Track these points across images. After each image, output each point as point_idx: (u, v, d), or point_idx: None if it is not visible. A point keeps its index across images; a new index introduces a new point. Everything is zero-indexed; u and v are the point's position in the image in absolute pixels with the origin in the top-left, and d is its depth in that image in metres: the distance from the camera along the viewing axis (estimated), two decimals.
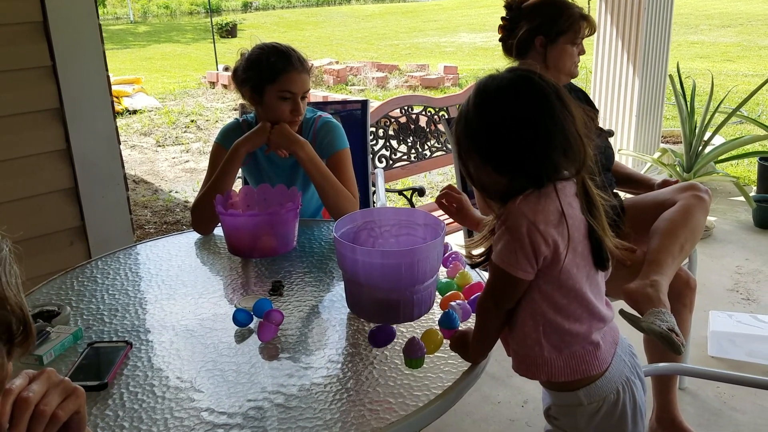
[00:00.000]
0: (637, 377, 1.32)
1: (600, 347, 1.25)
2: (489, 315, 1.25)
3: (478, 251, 1.30)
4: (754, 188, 4.44)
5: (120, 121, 7.82)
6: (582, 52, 2.22)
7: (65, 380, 0.82)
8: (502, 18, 2.25)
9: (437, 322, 1.39)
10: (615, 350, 1.29)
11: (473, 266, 1.34)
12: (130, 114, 8.63)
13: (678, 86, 4.04)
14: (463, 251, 1.50)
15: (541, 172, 1.17)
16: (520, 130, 1.16)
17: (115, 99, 6.97)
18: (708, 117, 3.98)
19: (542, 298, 1.21)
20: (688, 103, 4.05)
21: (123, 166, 2.65)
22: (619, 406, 1.27)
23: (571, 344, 1.23)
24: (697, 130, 4.02)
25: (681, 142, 4.21)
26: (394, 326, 1.40)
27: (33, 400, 0.77)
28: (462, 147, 1.23)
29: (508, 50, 2.26)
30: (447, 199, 1.62)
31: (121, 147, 2.66)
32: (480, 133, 1.20)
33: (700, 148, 4.03)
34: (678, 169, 4.08)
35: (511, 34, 2.23)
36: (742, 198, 3.96)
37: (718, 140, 4.41)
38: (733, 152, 4.28)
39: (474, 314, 1.44)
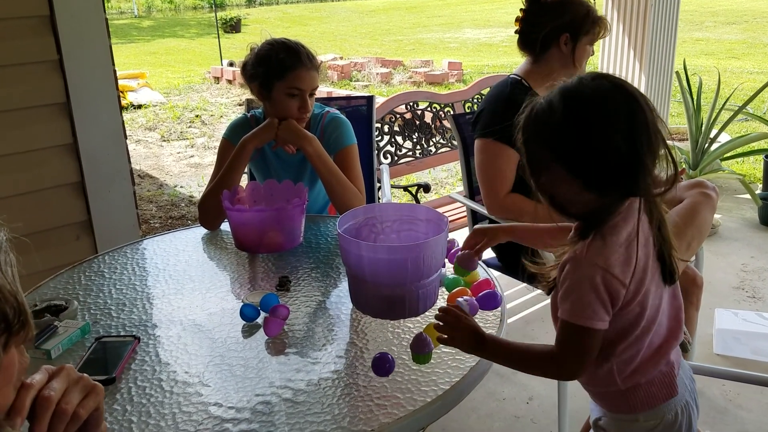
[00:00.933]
0: (695, 402, 1.30)
1: (674, 366, 1.24)
2: (544, 372, 1.22)
3: (549, 278, 1.23)
4: (760, 186, 4.43)
5: (125, 116, 7.78)
6: (593, 52, 2.23)
7: (84, 377, 0.82)
8: (522, 10, 2.24)
9: None
10: (679, 373, 1.27)
11: (548, 292, 1.25)
12: (134, 109, 8.64)
13: (684, 83, 4.03)
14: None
15: (635, 188, 1.10)
16: (620, 143, 1.06)
17: (120, 94, 6.92)
18: (714, 114, 3.97)
19: (615, 334, 1.17)
20: (695, 101, 4.04)
21: (129, 161, 2.65)
22: (675, 428, 1.25)
23: (647, 372, 1.22)
24: (703, 128, 4.01)
25: (687, 140, 4.20)
26: (401, 320, 1.40)
27: (55, 398, 0.77)
28: (538, 155, 1.13)
29: (527, 44, 2.25)
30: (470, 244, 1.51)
31: (127, 142, 2.66)
32: (569, 144, 1.09)
33: (707, 145, 4.02)
34: (684, 166, 4.07)
35: (534, 29, 2.21)
36: (748, 195, 3.95)
37: (724, 137, 4.40)
38: (739, 149, 4.26)
39: (481, 311, 1.44)
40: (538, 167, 1.14)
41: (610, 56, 4.38)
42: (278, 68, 1.95)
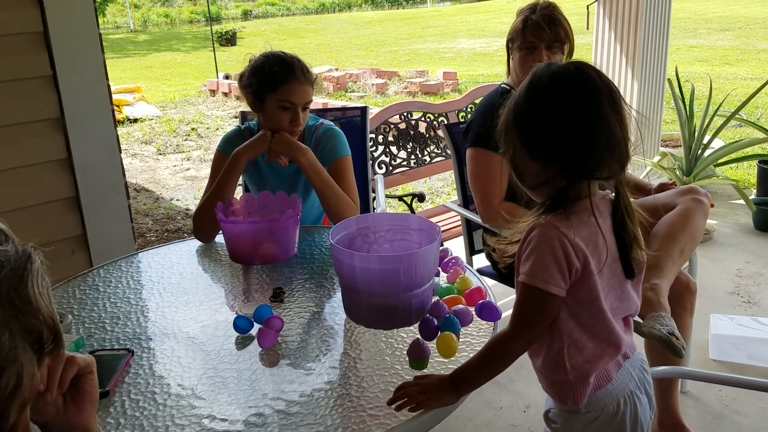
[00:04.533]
0: (644, 393, 1.31)
1: (607, 368, 1.26)
2: (509, 348, 1.22)
3: (508, 254, 1.27)
4: (754, 191, 4.44)
5: (120, 130, 7.83)
6: (546, 58, 2.20)
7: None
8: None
9: (440, 327, 1.39)
10: (622, 363, 1.28)
11: (504, 268, 1.31)
12: (130, 122, 8.65)
13: (677, 90, 4.05)
14: (463, 257, 1.49)
15: (575, 167, 1.16)
16: (562, 119, 1.15)
17: (115, 108, 6.95)
18: (707, 120, 3.99)
19: (569, 315, 1.21)
20: (687, 107, 4.06)
21: (124, 175, 2.66)
22: (617, 419, 1.26)
23: (597, 364, 1.23)
24: (696, 134, 4.03)
25: (680, 146, 4.21)
26: (394, 330, 1.40)
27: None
28: (507, 128, 1.22)
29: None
30: None
31: (122, 155, 2.67)
32: (523, 116, 1.19)
33: (700, 151, 4.04)
34: (678, 172, 4.09)
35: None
36: (742, 201, 3.97)
37: (717, 143, 4.41)
38: (733, 155, 4.28)
39: (478, 318, 1.45)
40: (507, 139, 1.22)
41: (602, 64, 4.41)
42: (271, 80, 1.97)
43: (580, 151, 1.15)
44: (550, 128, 1.16)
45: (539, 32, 2.14)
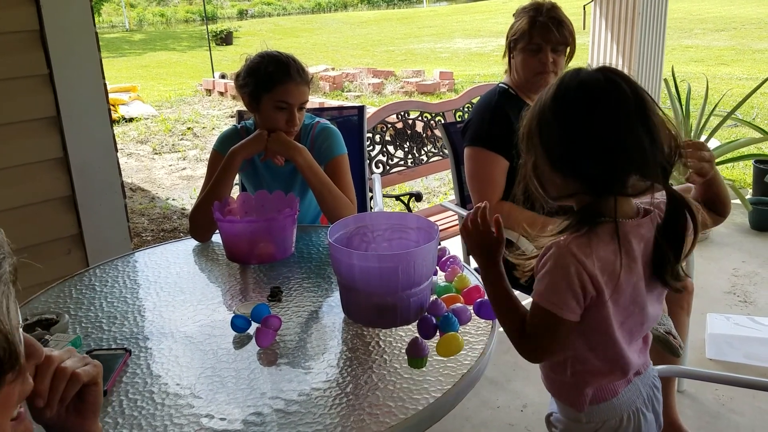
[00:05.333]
0: (651, 411, 1.30)
1: (614, 383, 1.26)
2: (516, 344, 1.23)
3: (527, 269, 1.25)
4: (750, 191, 4.46)
5: (116, 129, 7.81)
6: (550, 60, 2.19)
7: (85, 356, 0.90)
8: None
9: (438, 326, 1.39)
10: (632, 379, 1.27)
11: (527, 283, 1.27)
12: (126, 122, 8.63)
13: (673, 90, 4.06)
14: (460, 257, 1.48)
15: (598, 182, 1.12)
16: (586, 133, 1.11)
17: (111, 107, 6.91)
18: (703, 120, 4.00)
19: (577, 335, 1.20)
20: (683, 107, 4.07)
21: (120, 174, 2.65)
22: None
23: (592, 382, 1.24)
24: (692, 134, 4.03)
25: (676, 152, 4.21)
26: (393, 329, 1.40)
27: (56, 360, 0.85)
28: (530, 134, 1.19)
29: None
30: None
31: (118, 155, 2.66)
32: (546, 124, 1.15)
33: None
34: (675, 173, 4.09)
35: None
36: (738, 201, 3.97)
37: (713, 143, 4.42)
38: (729, 155, 4.28)
39: (476, 317, 1.45)
40: (530, 144, 1.19)
41: (598, 64, 4.40)
42: (266, 81, 1.96)
43: (603, 166, 1.11)
44: (573, 141, 1.12)
45: (547, 34, 2.13)
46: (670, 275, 1.19)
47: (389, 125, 3.41)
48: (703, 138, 4.04)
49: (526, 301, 1.28)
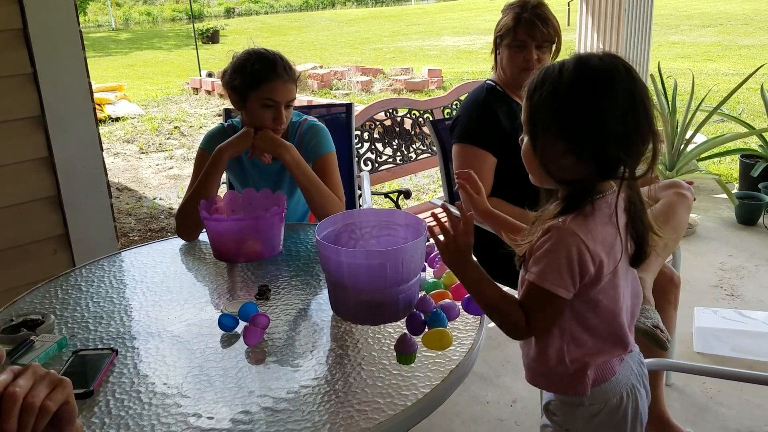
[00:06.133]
0: (643, 386, 1.32)
1: (611, 362, 1.27)
2: (510, 325, 1.22)
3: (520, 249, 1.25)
4: (737, 185, 4.49)
5: (102, 129, 7.76)
6: (535, 57, 2.19)
7: (51, 372, 0.82)
8: None
9: (427, 322, 1.39)
10: (624, 357, 1.29)
11: (520, 265, 1.28)
12: (112, 121, 8.57)
13: (659, 86, 4.08)
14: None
15: (613, 163, 1.14)
16: (615, 111, 1.11)
17: (97, 106, 6.87)
18: (689, 116, 4.02)
19: (573, 316, 1.21)
20: (670, 103, 4.09)
21: (106, 173, 2.63)
22: (620, 412, 1.27)
23: (591, 362, 1.24)
24: (679, 129, 4.06)
25: (663, 141, 4.24)
26: (382, 325, 1.40)
27: (20, 394, 0.77)
28: (539, 115, 1.17)
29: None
30: (470, 182, 1.53)
31: (104, 154, 2.64)
32: (566, 108, 1.14)
33: (683, 146, 4.07)
34: (660, 167, 4.12)
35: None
36: (724, 195, 4.00)
37: (700, 138, 4.45)
38: (715, 150, 4.32)
39: (465, 312, 1.45)
40: (538, 127, 1.18)
41: None
42: (253, 79, 1.95)
43: (625, 150, 1.13)
44: (601, 124, 1.12)
45: (531, 31, 2.13)
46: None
47: (378, 123, 3.40)
48: (689, 133, 4.07)
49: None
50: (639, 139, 1.14)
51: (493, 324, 1.27)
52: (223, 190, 2.04)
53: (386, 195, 3.47)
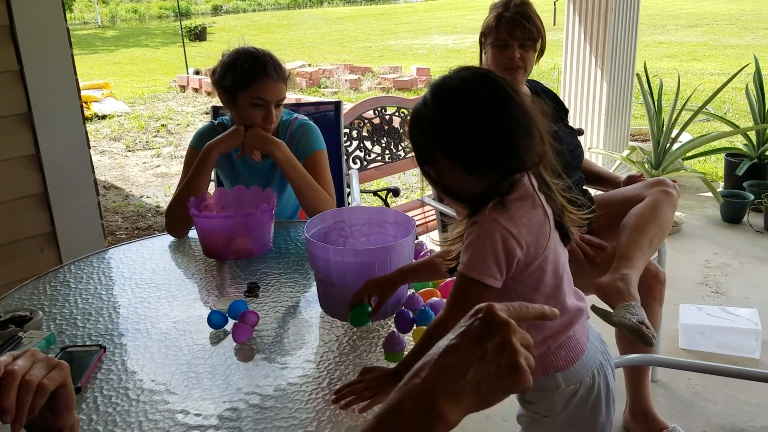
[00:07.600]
0: (608, 363, 1.36)
1: (573, 337, 1.29)
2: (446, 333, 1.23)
3: (451, 255, 1.27)
4: (722, 184, 4.54)
5: (89, 126, 7.71)
6: (517, 56, 2.19)
7: (49, 357, 0.86)
8: None
9: (415, 320, 1.40)
10: (588, 335, 1.32)
11: (449, 272, 1.30)
12: (99, 119, 8.52)
13: (645, 85, 4.11)
14: (437, 248, 1.49)
15: (510, 164, 1.16)
16: (489, 122, 1.13)
17: (83, 104, 6.85)
18: (675, 115, 4.05)
19: (518, 298, 1.23)
20: (656, 102, 4.12)
21: (93, 171, 2.62)
22: (594, 390, 1.30)
23: (557, 337, 1.26)
24: (664, 128, 4.09)
25: (649, 140, 4.28)
26: (370, 323, 1.41)
27: (19, 372, 0.81)
28: (423, 149, 1.19)
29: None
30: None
31: (91, 152, 2.63)
32: (447, 133, 1.15)
33: (668, 145, 4.10)
34: (647, 166, 4.15)
35: None
36: (709, 193, 4.04)
37: (685, 137, 4.50)
38: (701, 149, 4.36)
39: None
40: (425, 160, 1.19)
41: (572, 60, 4.45)
42: (243, 78, 1.94)
43: (514, 149, 1.14)
44: (485, 138, 1.13)
45: (513, 30, 2.14)
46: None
47: (366, 121, 3.41)
48: (675, 132, 4.10)
49: None
50: (524, 133, 1.15)
51: None
52: (212, 189, 2.04)
53: (375, 193, 3.48)
